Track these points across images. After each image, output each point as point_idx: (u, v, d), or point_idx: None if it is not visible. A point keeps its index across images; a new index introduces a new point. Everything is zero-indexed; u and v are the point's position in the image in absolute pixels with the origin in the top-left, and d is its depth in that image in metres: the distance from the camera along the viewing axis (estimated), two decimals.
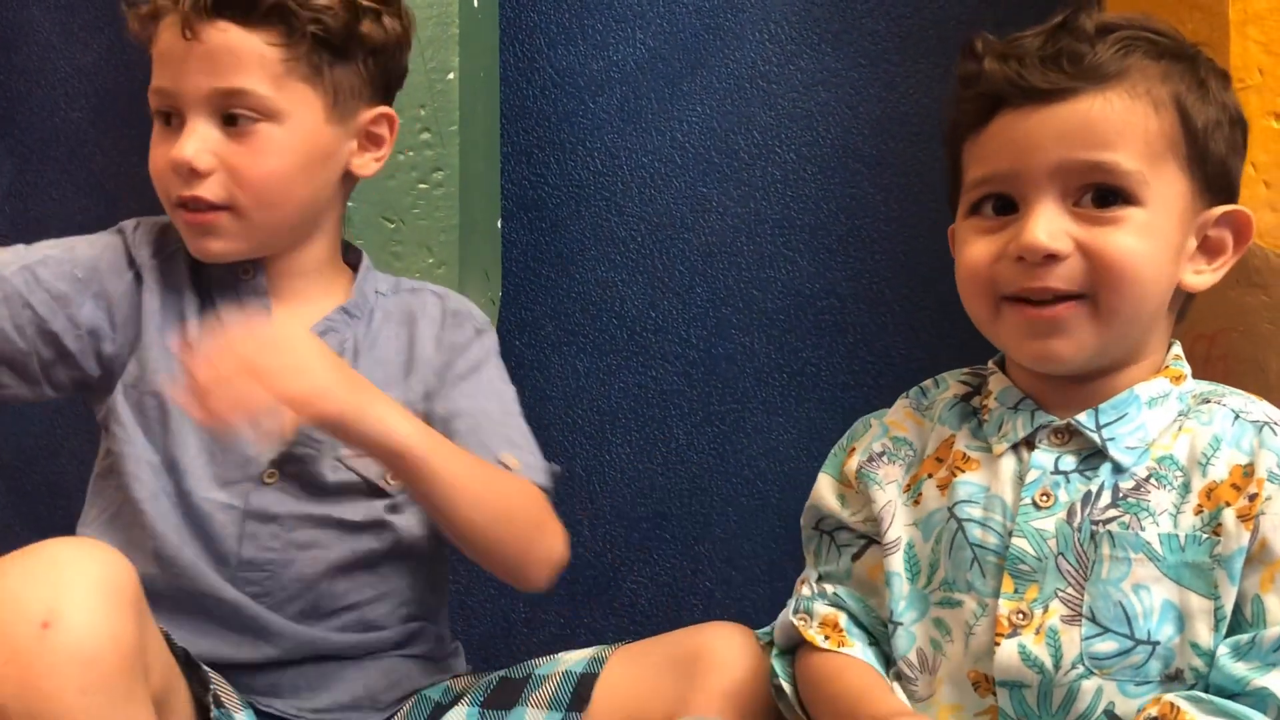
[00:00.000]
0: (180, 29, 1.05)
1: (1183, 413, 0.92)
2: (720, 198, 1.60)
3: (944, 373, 1.04)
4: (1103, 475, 0.91)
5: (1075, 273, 0.89)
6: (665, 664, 1.05)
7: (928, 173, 1.54)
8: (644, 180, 1.61)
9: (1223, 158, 0.92)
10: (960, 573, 0.93)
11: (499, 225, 1.60)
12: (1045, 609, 0.89)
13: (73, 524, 1.13)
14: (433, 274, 1.40)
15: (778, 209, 1.59)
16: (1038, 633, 0.89)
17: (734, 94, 1.60)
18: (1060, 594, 0.89)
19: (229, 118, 1.06)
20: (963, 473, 0.95)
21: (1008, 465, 0.93)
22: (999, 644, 0.89)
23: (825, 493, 1.03)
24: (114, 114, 1.64)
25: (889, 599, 0.96)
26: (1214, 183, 0.92)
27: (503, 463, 1.07)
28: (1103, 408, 0.92)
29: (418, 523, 1.11)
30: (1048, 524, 0.90)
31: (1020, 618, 0.89)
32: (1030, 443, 0.94)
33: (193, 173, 1.05)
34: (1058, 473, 0.92)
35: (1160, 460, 0.90)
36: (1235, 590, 0.86)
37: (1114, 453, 0.91)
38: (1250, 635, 0.85)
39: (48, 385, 1.09)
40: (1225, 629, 0.86)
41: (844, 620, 0.99)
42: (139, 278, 1.11)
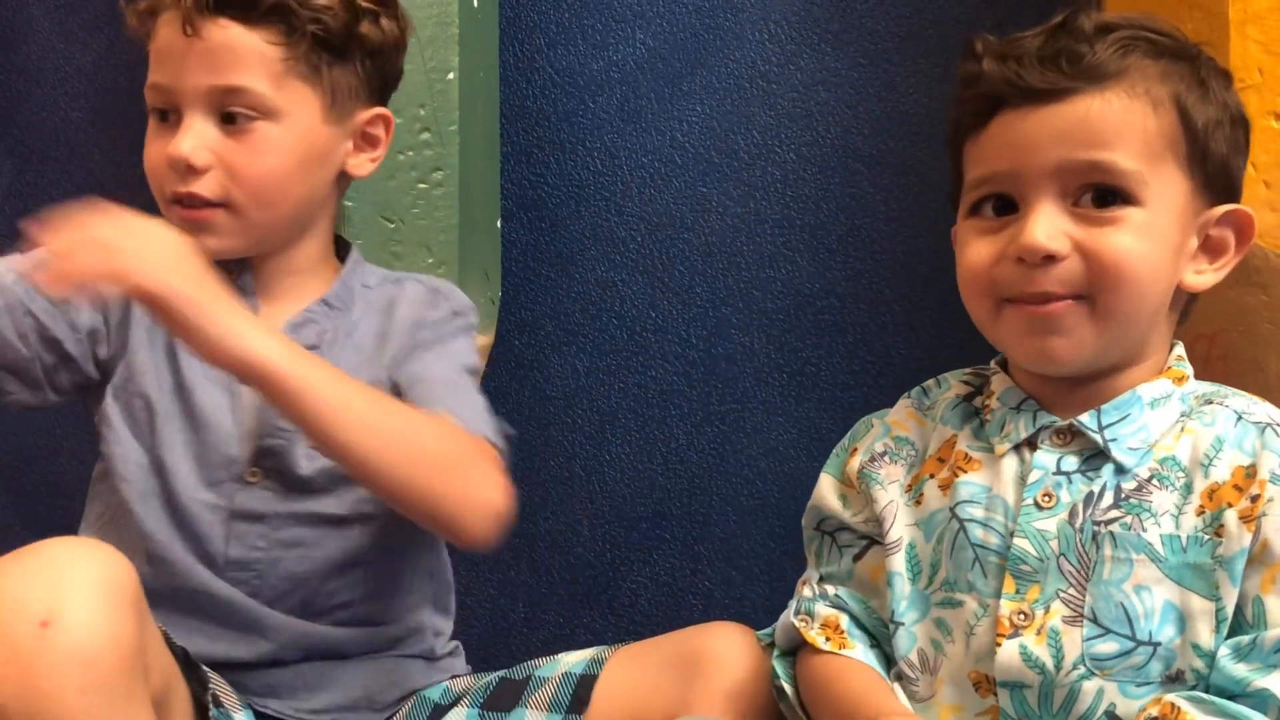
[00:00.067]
0: (181, 25, 1.05)
1: (1185, 413, 0.92)
2: (720, 197, 1.60)
3: (946, 373, 1.04)
4: (1105, 476, 0.91)
5: (1073, 274, 0.89)
6: (666, 664, 1.05)
7: (928, 172, 1.54)
8: (644, 180, 1.61)
9: (1224, 157, 0.92)
10: (961, 573, 0.93)
11: (499, 225, 1.59)
12: (1047, 609, 0.89)
13: (72, 524, 1.14)
14: (432, 274, 1.40)
15: (778, 209, 1.59)
16: (1039, 633, 0.89)
17: (734, 94, 1.59)
18: (1062, 595, 0.89)
19: (227, 116, 1.06)
20: (964, 473, 0.95)
21: (1010, 466, 0.93)
22: (1000, 644, 0.89)
23: (827, 493, 1.03)
24: (113, 114, 1.63)
25: (890, 599, 0.96)
26: (1215, 182, 0.92)
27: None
28: (1105, 408, 0.92)
29: (404, 525, 1.10)
30: (1049, 524, 0.90)
31: (1021, 618, 0.89)
32: (1032, 443, 0.94)
33: (189, 169, 1.05)
34: (1060, 473, 0.92)
35: (1162, 461, 0.90)
36: (1236, 591, 0.86)
37: (1116, 453, 0.91)
38: (1251, 636, 0.85)
39: (51, 390, 1.09)
40: (1226, 630, 0.86)
41: (845, 622, 0.99)
42: None
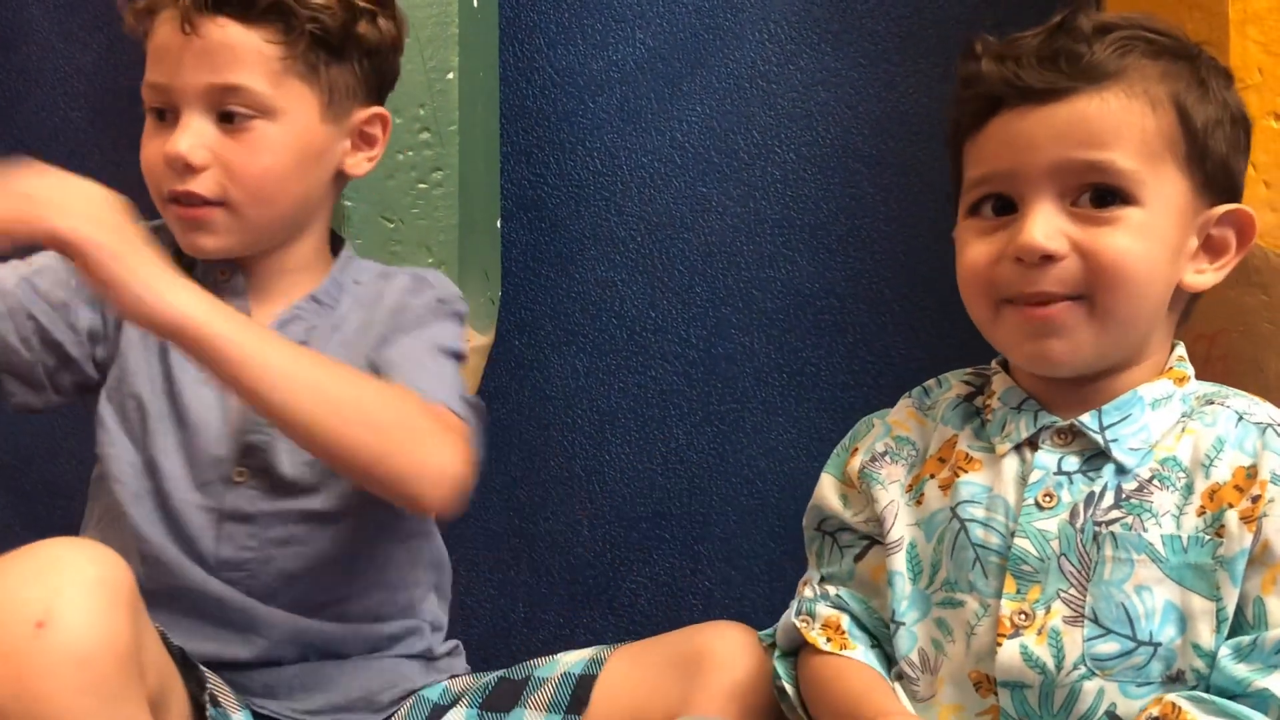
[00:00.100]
0: (179, 23, 1.05)
1: (1186, 414, 0.92)
2: (720, 197, 1.60)
3: (947, 372, 1.03)
4: (1106, 476, 0.91)
5: (1072, 275, 0.89)
6: (666, 664, 1.05)
7: (928, 172, 1.54)
8: (644, 180, 1.61)
9: (1224, 157, 0.92)
10: (962, 573, 0.93)
11: (498, 225, 1.59)
12: (1047, 610, 0.89)
13: (72, 524, 1.14)
14: None
15: (777, 209, 1.59)
16: (1040, 633, 0.89)
17: (734, 94, 1.59)
18: (1062, 595, 0.89)
19: (225, 115, 1.06)
20: (965, 473, 0.95)
21: (1011, 466, 0.93)
22: (1001, 644, 0.89)
23: (827, 493, 1.03)
24: (113, 114, 1.63)
25: (891, 599, 0.96)
26: (1215, 182, 0.92)
27: None
28: (1106, 409, 0.92)
29: (394, 514, 1.10)
30: (1050, 525, 0.90)
31: (1022, 618, 0.89)
32: (1033, 443, 0.93)
33: (187, 167, 1.05)
34: (1061, 473, 0.92)
35: (1163, 461, 0.90)
36: (1237, 592, 0.86)
37: (1117, 454, 0.91)
38: (1252, 637, 0.85)
39: (53, 391, 1.10)
40: (1227, 630, 0.86)
41: (846, 622, 0.99)
42: None
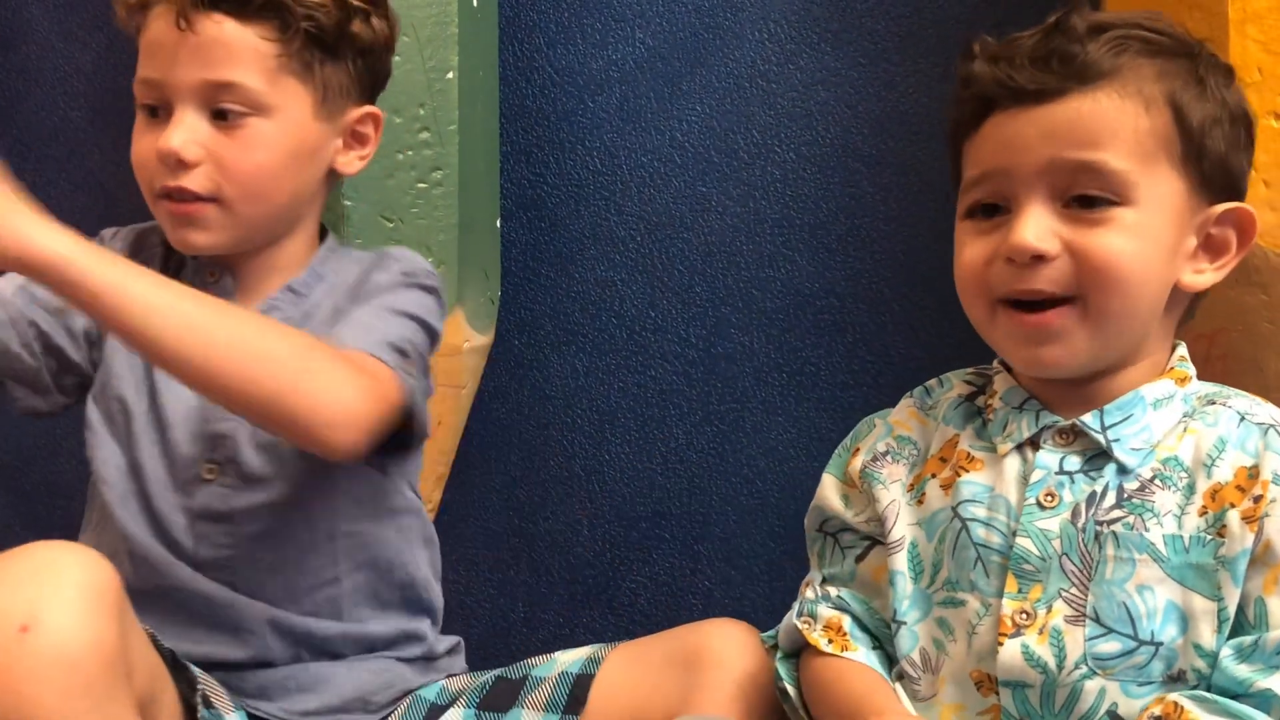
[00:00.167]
0: (174, 19, 1.05)
1: (1187, 414, 0.92)
2: (720, 197, 1.60)
3: (949, 372, 1.03)
4: (1107, 476, 0.91)
5: (1064, 274, 0.89)
6: (664, 662, 1.05)
7: (927, 172, 1.54)
8: (643, 179, 1.61)
9: (1222, 155, 0.92)
10: (964, 572, 0.93)
11: (498, 224, 1.59)
12: (1049, 609, 0.89)
13: (72, 523, 1.14)
14: None
15: (777, 208, 1.59)
16: (1041, 633, 0.89)
17: (733, 93, 1.59)
18: (1064, 594, 0.89)
19: (219, 111, 1.06)
20: (967, 472, 0.95)
21: (1012, 465, 0.93)
22: (1002, 644, 0.89)
23: (829, 493, 1.03)
24: (112, 113, 1.63)
25: (892, 598, 0.96)
26: (1214, 181, 0.92)
27: None
28: (1108, 409, 0.92)
29: (371, 490, 1.11)
30: (1052, 524, 0.90)
31: (1024, 617, 0.89)
32: (1035, 443, 0.93)
33: (180, 163, 1.05)
34: (1062, 473, 0.92)
35: (1165, 461, 0.90)
36: (1239, 592, 0.86)
37: (1118, 454, 0.91)
38: (1254, 637, 0.85)
39: (59, 394, 1.11)
40: (1228, 631, 0.86)
41: (848, 623, 0.99)
42: None
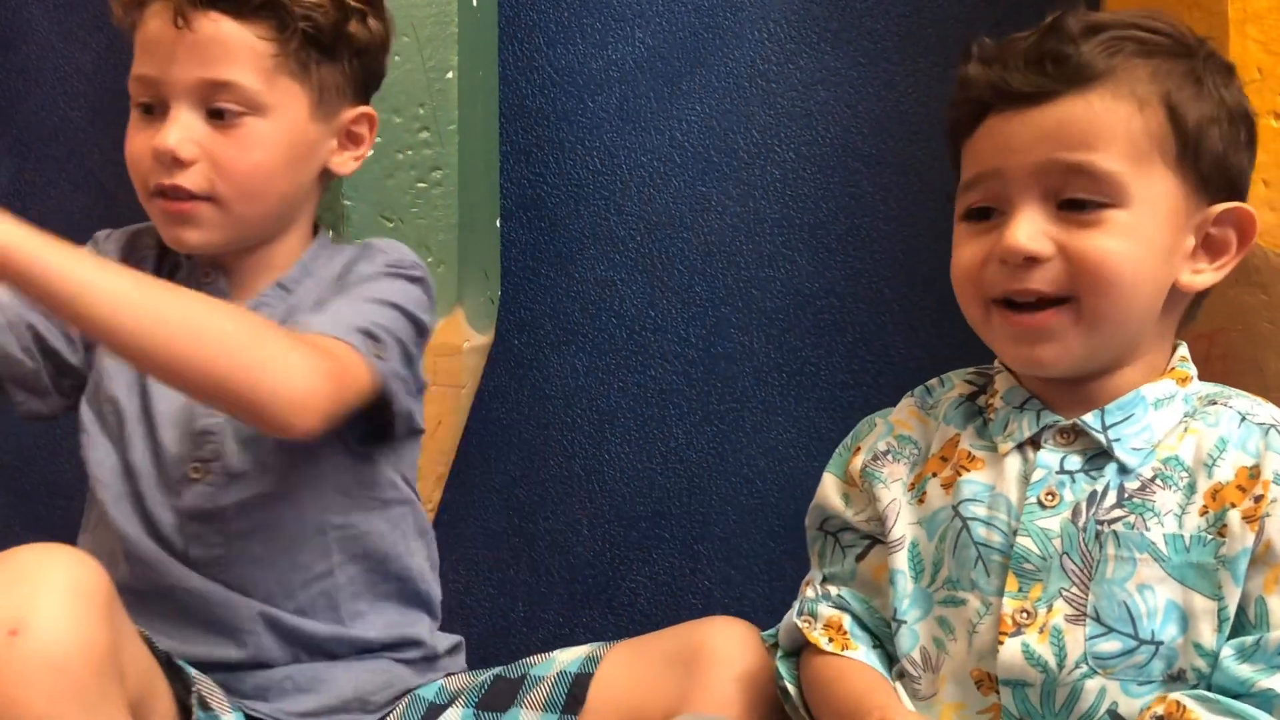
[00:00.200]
0: (172, 17, 1.05)
1: (1188, 414, 0.92)
2: (719, 197, 1.60)
3: (950, 372, 1.03)
4: (1108, 475, 0.91)
5: (1057, 275, 0.89)
6: (663, 660, 1.05)
7: (927, 171, 1.54)
8: (643, 179, 1.61)
9: (1219, 154, 0.91)
10: (964, 571, 0.93)
11: (498, 224, 1.59)
12: (1049, 608, 0.89)
13: (72, 523, 1.14)
14: (431, 273, 1.40)
15: (777, 208, 1.59)
16: (1041, 632, 0.89)
17: (733, 93, 1.59)
18: (1064, 593, 0.89)
19: (215, 110, 1.06)
20: (968, 472, 0.95)
21: (1013, 464, 0.93)
22: (1003, 642, 0.89)
23: (830, 492, 1.03)
24: (112, 113, 1.62)
25: (893, 597, 0.96)
26: (1211, 181, 0.91)
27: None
28: (1109, 408, 0.92)
29: (359, 482, 1.10)
30: (1053, 523, 0.90)
31: (1024, 616, 0.89)
32: (1036, 442, 0.93)
33: (175, 161, 1.05)
34: (1063, 472, 0.92)
35: (1166, 461, 0.90)
36: (1239, 591, 0.86)
37: (1119, 453, 0.91)
38: (1256, 637, 0.85)
39: (58, 395, 1.11)
40: (1228, 630, 0.86)
41: (848, 622, 0.99)
42: None
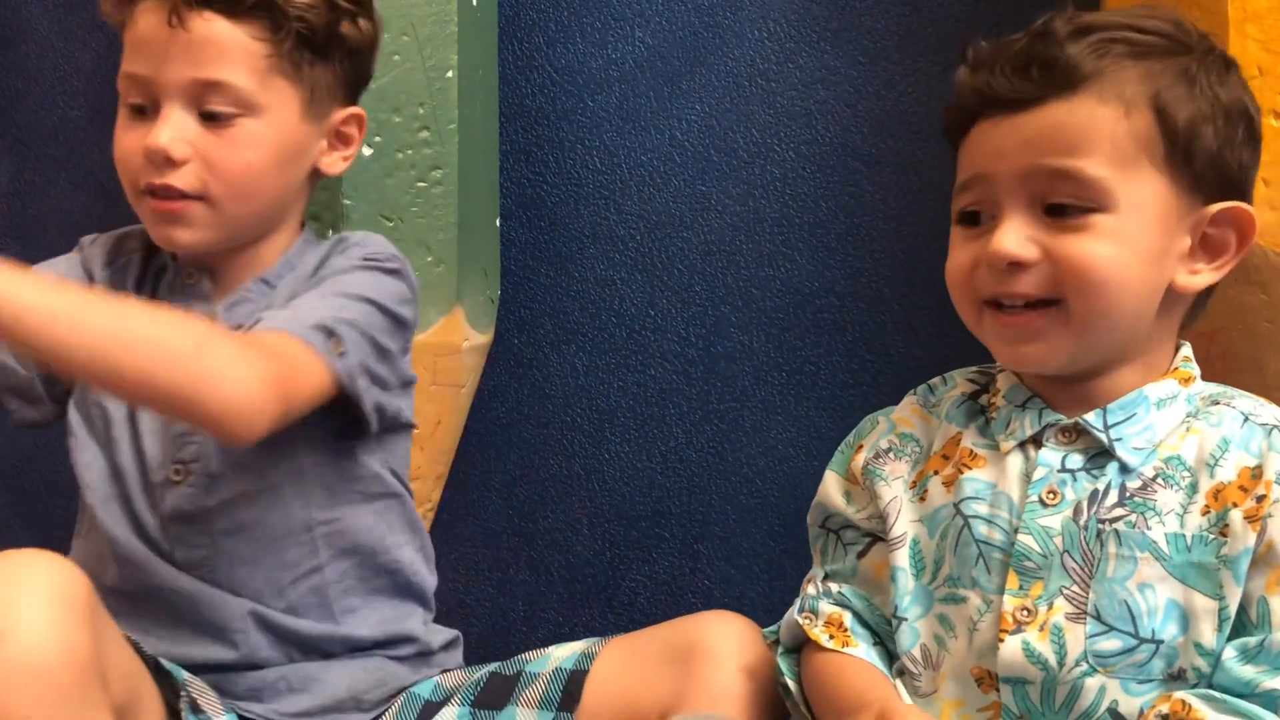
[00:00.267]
0: (165, 16, 1.05)
1: (1191, 414, 0.92)
2: (719, 196, 1.60)
3: (953, 370, 1.04)
4: (1110, 474, 0.91)
5: (1044, 279, 0.90)
6: (659, 656, 1.04)
7: (927, 171, 1.55)
8: (643, 178, 1.61)
9: (1213, 153, 0.90)
10: (965, 569, 0.93)
11: (498, 224, 1.59)
12: (1050, 606, 0.89)
13: (72, 523, 1.14)
14: (431, 272, 1.40)
15: (777, 207, 1.59)
16: (1042, 629, 0.89)
17: (733, 92, 1.59)
18: (1065, 591, 0.89)
19: (207, 110, 1.06)
20: (969, 470, 0.95)
21: (1015, 463, 0.93)
22: (1003, 640, 0.89)
23: (831, 490, 1.03)
24: (112, 112, 1.61)
25: (894, 594, 0.96)
26: (1206, 180, 0.90)
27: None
28: (1111, 408, 0.92)
29: (343, 477, 1.10)
30: (1054, 521, 0.90)
31: (1025, 614, 0.90)
32: (1037, 441, 0.94)
33: (168, 161, 1.05)
34: (1065, 471, 0.92)
35: (1167, 460, 0.90)
36: (1240, 591, 0.86)
37: (1121, 452, 0.91)
38: (1259, 639, 0.85)
39: (51, 403, 1.11)
40: (1229, 630, 0.86)
41: (849, 619, 0.99)
42: None
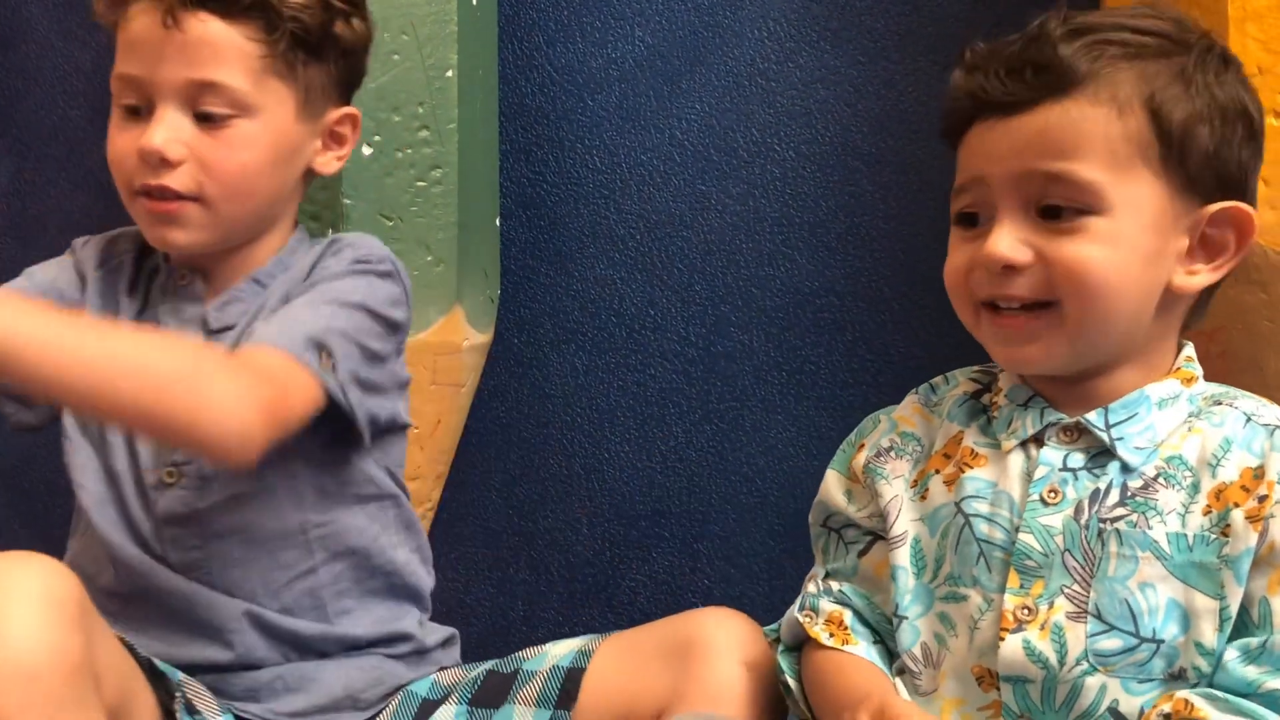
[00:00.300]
0: (160, 17, 1.05)
1: (1193, 414, 0.92)
2: (719, 195, 1.60)
3: (955, 370, 1.04)
4: (1111, 474, 0.91)
5: (1039, 281, 0.90)
6: (657, 652, 1.04)
7: (927, 170, 1.55)
8: (643, 178, 1.61)
9: (1209, 153, 0.90)
10: (966, 568, 0.93)
11: (497, 223, 1.59)
12: (1051, 605, 0.89)
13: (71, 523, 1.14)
14: (431, 272, 1.40)
15: (777, 207, 1.59)
16: (1042, 628, 0.89)
17: (733, 91, 1.59)
18: (1066, 590, 0.89)
19: (202, 110, 1.06)
20: (971, 468, 0.95)
21: (1016, 462, 0.93)
22: (1004, 639, 0.89)
23: (833, 489, 1.03)
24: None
25: (894, 593, 0.96)
26: (1203, 180, 0.90)
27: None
28: (1112, 407, 0.92)
29: (336, 479, 1.10)
30: (1055, 520, 0.90)
31: (1025, 613, 0.90)
32: (1039, 440, 0.94)
33: (163, 162, 1.05)
34: (1066, 470, 0.92)
35: (1169, 460, 0.90)
36: (1241, 591, 0.86)
37: (1122, 452, 0.91)
38: (1261, 639, 0.85)
39: (48, 405, 1.10)
40: (1230, 629, 0.86)
41: (849, 618, 0.99)
42: (85, 293, 1.12)
